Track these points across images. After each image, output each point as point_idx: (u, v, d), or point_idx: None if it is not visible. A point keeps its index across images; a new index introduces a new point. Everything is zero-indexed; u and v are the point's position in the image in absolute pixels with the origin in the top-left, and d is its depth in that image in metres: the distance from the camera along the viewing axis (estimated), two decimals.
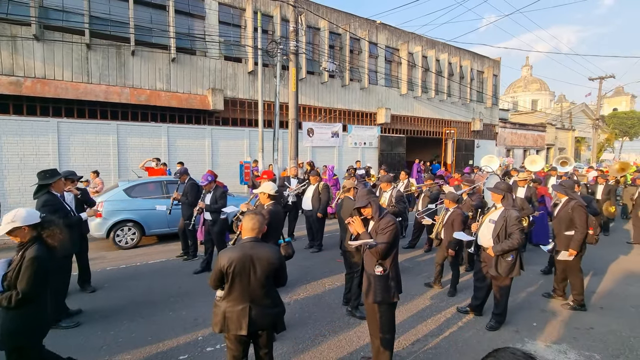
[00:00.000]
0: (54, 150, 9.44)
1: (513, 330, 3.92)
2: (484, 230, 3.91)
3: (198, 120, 11.65)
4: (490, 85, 21.41)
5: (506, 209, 3.73)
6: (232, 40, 12.25)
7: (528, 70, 52.13)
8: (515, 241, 3.57)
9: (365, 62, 15.40)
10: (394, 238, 2.77)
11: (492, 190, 3.86)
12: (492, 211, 3.94)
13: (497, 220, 3.71)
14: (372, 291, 2.84)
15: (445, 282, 5.13)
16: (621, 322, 4.11)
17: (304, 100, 13.76)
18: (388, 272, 2.83)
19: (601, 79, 25.61)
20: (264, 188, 3.80)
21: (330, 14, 14.45)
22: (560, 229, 4.49)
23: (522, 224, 3.74)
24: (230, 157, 12.10)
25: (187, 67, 11.31)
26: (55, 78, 9.38)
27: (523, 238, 3.63)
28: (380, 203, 5.37)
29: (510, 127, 23.97)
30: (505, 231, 3.65)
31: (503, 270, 3.70)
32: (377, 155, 16.27)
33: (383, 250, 2.72)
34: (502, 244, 3.63)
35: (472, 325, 4.03)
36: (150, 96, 10.48)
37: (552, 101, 48.18)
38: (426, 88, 17.87)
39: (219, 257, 2.37)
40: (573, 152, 30.25)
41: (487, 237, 3.81)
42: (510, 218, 3.64)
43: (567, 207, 4.45)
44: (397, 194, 5.62)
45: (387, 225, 2.77)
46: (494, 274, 3.76)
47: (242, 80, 12.45)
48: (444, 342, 3.66)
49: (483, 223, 3.98)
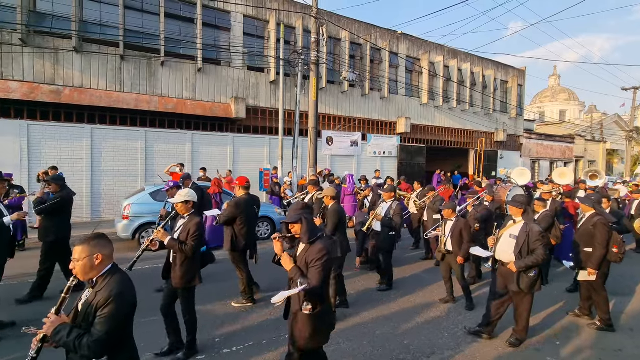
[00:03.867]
0: (87, 155, 9.99)
1: (534, 348, 3.80)
2: (503, 245, 3.77)
3: (221, 127, 12.02)
4: (514, 95, 20.89)
5: (527, 223, 3.63)
6: (256, 51, 12.64)
7: (556, 80, 50.38)
8: (540, 257, 3.46)
9: (385, 71, 15.45)
10: (325, 274, 2.37)
11: (510, 204, 3.77)
12: (510, 225, 3.79)
13: (519, 235, 3.60)
14: (300, 334, 2.43)
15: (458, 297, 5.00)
16: None
17: (324, 109, 13.93)
18: (318, 308, 2.41)
19: (635, 89, 24.47)
20: (178, 196, 3.43)
21: (352, 24, 14.65)
22: (580, 245, 4.30)
23: (545, 239, 3.61)
24: (251, 164, 12.37)
25: (212, 77, 11.75)
26: (91, 87, 9.97)
27: (547, 254, 3.56)
28: (376, 214, 5.35)
29: (535, 138, 23.20)
30: (527, 247, 3.53)
31: (525, 286, 3.58)
32: (397, 165, 16.15)
33: (314, 293, 2.33)
34: (525, 260, 3.51)
35: (492, 341, 3.92)
36: (177, 104, 10.93)
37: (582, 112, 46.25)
38: (447, 98, 17.68)
39: None
40: (604, 165, 28.85)
41: (507, 252, 3.69)
42: (533, 233, 3.53)
43: (589, 223, 4.24)
44: (397, 207, 5.30)
45: (318, 257, 2.32)
46: (516, 289, 3.62)
47: (264, 90, 12.78)
48: (461, 358, 3.58)
49: (501, 237, 3.84)
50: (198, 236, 3.27)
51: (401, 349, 3.68)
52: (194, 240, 3.24)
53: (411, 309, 4.72)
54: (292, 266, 2.41)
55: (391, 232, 5.28)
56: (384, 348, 3.69)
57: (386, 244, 5.32)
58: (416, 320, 4.38)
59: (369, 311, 4.59)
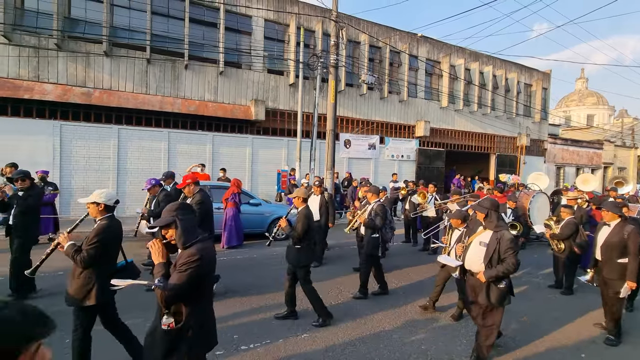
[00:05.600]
0: (114, 154, 10.41)
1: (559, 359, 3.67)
2: (472, 253, 3.50)
3: (241, 129, 12.26)
4: (539, 99, 20.26)
5: (500, 230, 3.35)
6: (276, 54, 12.84)
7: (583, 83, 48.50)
8: (511, 267, 3.20)
9: (405, 74, 15.33)
10: (190, 280, 1.94)
11: (475, 208, 3.49)
12: (480, 232, 3.50)
13: (490, 242, 3.32)
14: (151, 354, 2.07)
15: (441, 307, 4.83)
16: None
17: (342, 112, 13.96)
18: (183, 327, 1.99)
19: None
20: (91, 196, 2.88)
21: (371, 27, 14.65)
22: (611, 256, 4.03)
23: (517, 246, 3.35)
24: (269, 165, 12.54)
25: (233, 80, 12.02)
26: (119, 89, 10.40)
27: (518, 263, 3.23)
28: (361, 216, 5.15)
29: (561, 144, 22.40)
30: (498, 255, 3.27)
31: (495, 298, 3.33)
32: (415, 168, 15.97)
33: (169, 297, 1.93)
34: (495, 269, 3.24)
35: (510, 352, 3.82)
36: (199, 106, 11.24)
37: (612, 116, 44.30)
38: (468, 101, 17.35)
39: None
40: (635, 172, 27.48)
41: (476, 261, 3.43)
42: (504, 240, 3.27)
43: (621, 232, 3.99)
44: (378, 207, 5.08)
45: (188, 261, 1.96)
46: (485, 302, 3.36)
47: (283, 92, 12.95)
48: None
49: (470, 245, 3.57)
50: (96, 245, 2.72)
51: (418, 353, 3.65)
52: (89, 249, 2.71)
53: (428, 313, 4.67)
54: (161, 261, 2.04)
55: (374, 235, 5.08)
56: (401, 352, 3.67)
57: (369, 247, 5.10)
58: (433, 325, 4.32)
59: (385, 314, 4.57)
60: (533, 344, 3.98)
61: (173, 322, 1.98)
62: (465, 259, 3.58)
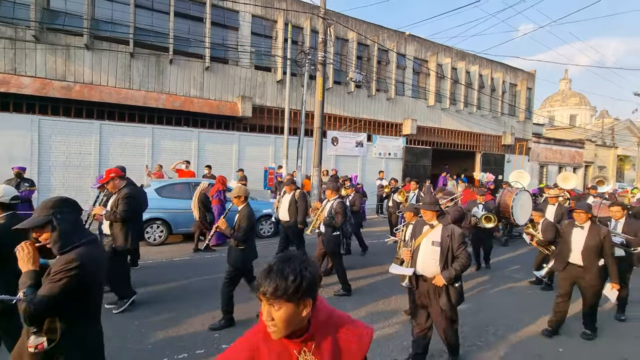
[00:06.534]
0: (96, 150, 10.14)
1: (536, 353, 3.75)
2: (424, 256, 3.19)
3: (227, 126, 12.11)
4: (523, 99, 20.66)
5: (448, 226, 3.17)
6: (263, 50, 12.71)
7: (567, 84, 49.68)
8: (466, 262, 3.08)
9: (392, 73, 15.40)
10: (64, 291, 1.67)
11: (423, 207, 3.26)
12: (428, 231, 3.24)
13: (442, 240, 3.11)
14: None
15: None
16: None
17: (330, 110, 13.94)
18: (56, 348, 1.68)
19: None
20: None
21: (359, 25, 14.64)
22: (592, 260, 3.91)
23: (467, 241, 3.28)
24: (256, 163, 12.43)
25: (219, 75, 11.84)
26: (101, 84, 10.12)
27: (470, 256, 3.13)
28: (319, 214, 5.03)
29: (544, 143, 22.91)
30: (452, 252, 3.09)
31: (456, 299, 3.14)
32: (402, 166, 16.08)
33: (36, 311, 1.61)
34: (452, 270, 3.05)
35: (492, 349, 3.89)
36: (184, 102, 11.04)
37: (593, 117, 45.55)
38: (455, 100, 17.56)
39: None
40: (615, 171, 28.36)
41: (431, 264, 3.15)
42: (455, 235, 3.10)
43: (597, 234, 3.90)
44: (338, 205, 4.97)
45: (63, 269, 1.68)
46: (448, 307, 3.12)
47: (271, 89, 12.84)
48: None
49: (420, 247, 3.24)
50: None
51: (400, 349, 3.67)
52: None
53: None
54: (30, 269, 1.72)
55: (335, 232, 5.02)
56: (383, 348, 3.69)
57: (331, 245, 5.03)
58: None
59: (368, 310, 4.58)
60: (513, 338, 4.05)
61: (44, 342, 1.65)
62: (417, 264, 3.25)
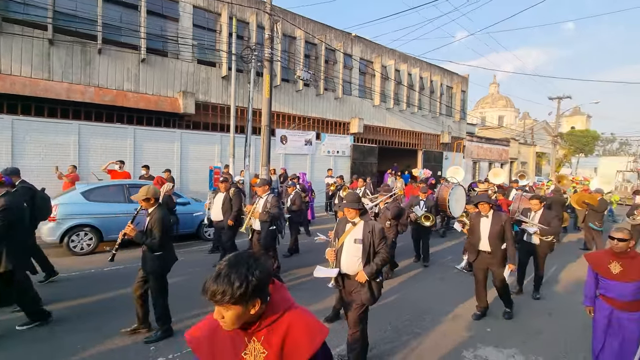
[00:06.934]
0: (7, 150, 8.84)
1: (468, 335, 4.07)
2: (348, 255, 3.18)
3: (167, 123, 11.34)
4: (458, 100, 22.41)
5: (368, 222, 3.20)
6: (206, 44, 12.12)
7: (495, 88, 55.05)
8: (386, 256, 3.13)
9: (340, 72, 15.69)
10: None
11: (346, 205, 3.22)
12: (350, 229, 3.23)
13: (364, 237, 3.14)
14: None
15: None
16: (566, 327, 4.38)
17: (278, 108, 13.78)
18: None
19: (559, 99, 27.50)
20: None
21: (307, 24, 14.66)
22: (497, 245, 4.32)
23: (387, 236, 3.32)
24: (201, 162, 11.84)
25: (157, 69, 11.04)
26: (12, 73, 8.84)
27: (390, 252, 3.29)
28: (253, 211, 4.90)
29: (477, 141, 25.11)
30: (374, 248, 3.13)
31: (378, 292, 3.23)
32: (350, 164, 16.49)
33: None
34: (374, 265, 3.10)
35: (431, 336, 4.14)
36: (116, 96, 10.10)
37: (517, 118, 51.06)
38: (398, 100, 18.44)
39: None
40: (534, 167, 32.08)
41: (354, 262, 3.16)
42: (376, 231, 3.13)
43: (500, 220, 4.32)
44: (273, 199, 5.04)
45: None
46: (371, 302, 3.16)
47: (215, 85, 12.30)
48: (399, 349, 3.73)
49: (343, 246, 3.22)
50: None
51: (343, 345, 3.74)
52: None
53: None
54: None
55: (271, 227, 5.04)
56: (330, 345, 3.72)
57: (268, 240, 5.01)
58: None
59: (312, 307, 4.61)
60: (448, 323, 4.36)
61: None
62: (341, 264, 3.22)
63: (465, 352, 3.71)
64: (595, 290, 3.25)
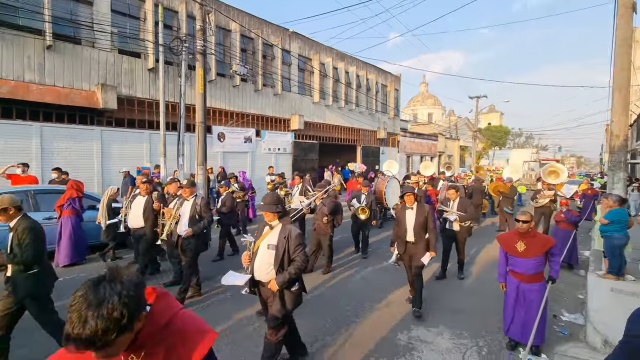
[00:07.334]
0: None
1: (401, 319, 4.32)
2: (261, 261, 2.96)
3: (84, 119, 10.09)
4: (392, 98, 23.71)
5: (286, 226, 2.97)
6: (129, 32, 11.01)
7: (425, 87, 59.50)
8: (301, 264, 2.89)
9: (278, 68, 15.49)
10: None
11: (260, 208, 3.04)
12: (267, 233, 3.01)
13: (278, 243, 2.91)
14: None
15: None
16: (485, 302, 4.90)
17: (214, 103, 13.14)
18: None
19: (477, 97, 30.68)
20: None
21: (242, 17, 14.17)
22: (421, 235, 4.46)
23: (304, 241, 3.02)
24: (127, 162, 10.76)
25: (68, 58, 9.72)
26: None
27: (307, 259, 2.95)
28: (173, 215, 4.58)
29: (409, 137, 26.89)
30: (289, 255, 2.90)
31: (291, 304, 2.97)
32: (291, 161, 16.46)
33: None
34: (287, 273, 2.84)
35: (365, 323, 4.30)
36: (15, 88, 8.68)
37: (444, 115, 55.86)
38: (337, 97, 18.86)
39: None
40: (459, 159, 35.44)
41: (266, 269, 2.94)
42: (292, 237, 2.89)
43: (424, 212, 4.46)
44: (202, 202, 4.70)
45: None
46: (280, 313, 2.89)
47: (141, 78, 11.27)
48: (341, 340, 3.82)
49: (258, 251, 3.00)
50: None
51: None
52: None
53: None
54: None
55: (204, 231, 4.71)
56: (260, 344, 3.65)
57: (198, 244, 4.63)
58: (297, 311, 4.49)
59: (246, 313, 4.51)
60: (385, 309, 4.57)
61: None
62: (254, 269, 3.00)
63: (400, 335, 3.93)
64: (506, 267, 3.68)
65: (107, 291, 0.94)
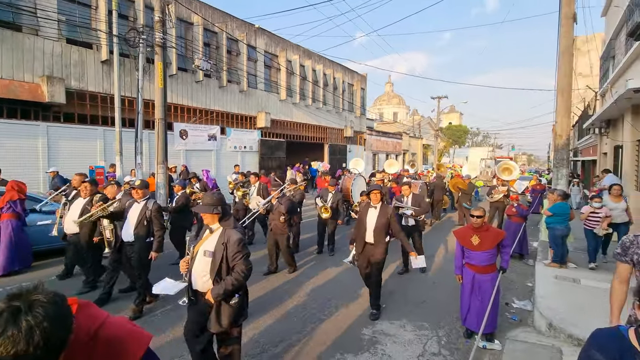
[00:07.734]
0: None
1: (366, 314, 4.41)
2: (198, 268, 2.66)
3: (26, 114, 9.24)
4: (358, 97, 24.08)
5: (226, 230, 2.68)
6: (79, 21, 10.22)
7: (390, 87, 61.05)
8: (241, 275, 2.56)
9: (244, 64, 15.15)
10: None
11: (199, 209, 2.75)
12: (206, 237, 2.73)
13: (215, 250, 2.61)
14: None
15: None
16: (445, 294, 5.12)
17: (176, 99, 12.59)
18: None
19: (439, 98, 32.02)
20: None
21: (205, 10, 13.67)
22: (380, 237, 4.25)
23: (246, 248, 2.68)
24: (77, 161, 9.98)
25: (7, 46, 8.84)
26: None
27: (249, 268, 2.63)
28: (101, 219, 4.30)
29: (375, 135, 27.48)
30: (227, 264, 2.60)
31: (228, 319, 2.62)
32: (258, 159, 16.20)
33: None
34: (223, 284, 2.53)
35: (335, 326, 4.34)
36: None
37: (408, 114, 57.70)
38: (304, 95, 18.82)
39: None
40: (422, 157, 36.81)
41: (201, 277, 2.66)
42: (231, 243, 2.59)
43: (387, 213, 4.28)
44: (154, 206, 4.28)
45: None
46: (217, 329, 2.63)
47: (94, 70, 10.51)
48: (307, 340, 3.82)
49: (196, 257, 2.70)
50: None
51: (252, 343, 3.65)
52: None
53: (261, 305, 4.77)
54: None
55: (147, 239, 4.24)
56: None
57: (144, 255, 4.22)
58: (270, 311, 4.43)
59: None
60: (350, 306, 4.63)
61: None
62: (190, 277, 2.70)
63: (365, 330, 4.01)
64: (462, 260, 3.87)
65: (29, 323, 0.84)
